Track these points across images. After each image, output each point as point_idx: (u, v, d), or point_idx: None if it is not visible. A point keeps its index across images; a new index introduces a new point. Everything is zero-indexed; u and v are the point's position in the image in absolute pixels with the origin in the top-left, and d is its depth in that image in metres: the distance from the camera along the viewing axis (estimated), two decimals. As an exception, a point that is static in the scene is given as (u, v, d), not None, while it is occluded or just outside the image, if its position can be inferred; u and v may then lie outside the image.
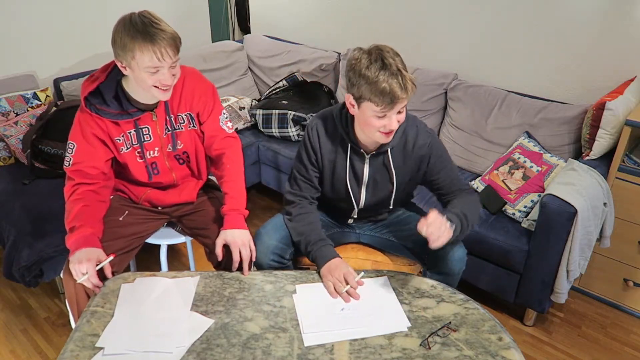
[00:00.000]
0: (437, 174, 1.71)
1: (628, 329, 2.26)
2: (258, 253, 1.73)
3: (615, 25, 2.30)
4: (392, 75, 1.47)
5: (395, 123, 1.54)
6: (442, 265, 1.70)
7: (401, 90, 1.48)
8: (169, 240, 1.99)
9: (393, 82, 1.47)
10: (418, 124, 1.70)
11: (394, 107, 1.50)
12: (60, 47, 3.00)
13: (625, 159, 2.11)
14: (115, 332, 1.35)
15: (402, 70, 1.49)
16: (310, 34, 3.60)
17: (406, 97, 1.50)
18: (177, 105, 1.73)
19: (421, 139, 1.67)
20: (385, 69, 1.48)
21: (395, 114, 1.53)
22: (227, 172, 1.74)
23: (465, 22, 2.79)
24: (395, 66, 1.49)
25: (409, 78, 1.50)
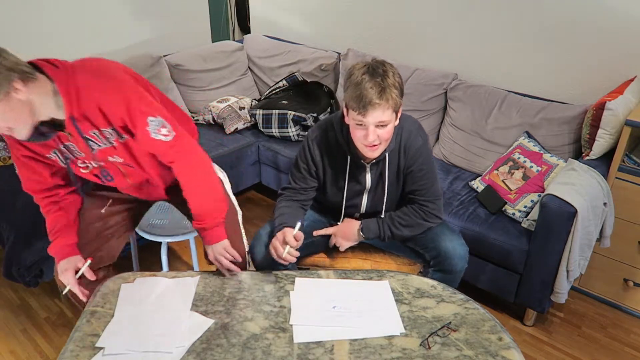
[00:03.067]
0: (411, 184, 1.71)
1: (628, 329, 2.26)
2: (257, 254, 1.74)
3: (615, 25, 2.30)
4: (373, 80, 1.43)
5: (373, 135, 1.48)
6: (445, 263, 1.72)
7: (377, 96, 1.42)
8: (169, 238, 1.99)
9: (371, 85, 1.43)
10: (412, 127, 1.67)
11: (368, 113, 1.44)
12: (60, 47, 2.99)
13: (625, 159, 2.11)
14: (115, 332, 1.35)
15: (387, 78, 1.44)
16: (310, 34, 3.60)
17: (383, 105, 1.44)
18: (87, 126, 1.42)
19: (413, 142, 1.66)
20: (371, 74, 1.45)
21: (373, 125, 1.47)
22: (183, 187, 1.58)
23: (465, 22, 2.79)
24: (382, 73, 1.45)
25: (393, 87, 1.44)
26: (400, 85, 1.48)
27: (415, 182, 1.70)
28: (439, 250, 1.73)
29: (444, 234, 1.75)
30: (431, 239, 1.75)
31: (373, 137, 1.49)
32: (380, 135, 1.50)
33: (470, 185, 2.49)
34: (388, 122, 1.48)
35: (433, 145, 2.86)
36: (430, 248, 1.76)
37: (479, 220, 2.22)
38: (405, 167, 1.69)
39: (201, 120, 3.19)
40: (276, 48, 3.52)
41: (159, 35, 3.49)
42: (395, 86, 1.45)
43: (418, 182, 1.70)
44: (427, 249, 1.77)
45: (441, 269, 1.74)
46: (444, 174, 2.60)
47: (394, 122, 1.52)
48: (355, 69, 1.48)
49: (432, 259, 1.76)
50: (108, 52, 3.23)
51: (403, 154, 1.66)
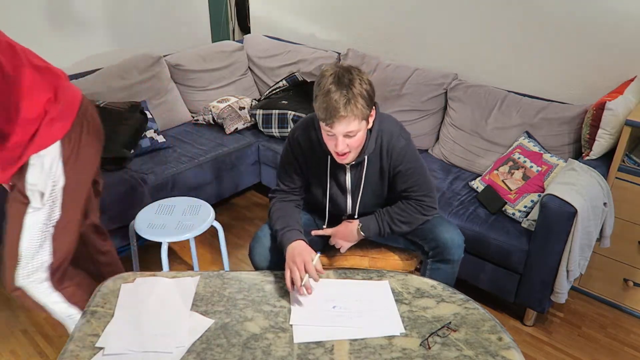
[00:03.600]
0: (402, 183, 1.71)
1: (628, 329, 2.26)
2: (257, 256, 1.74)
3: (615, 25, 2.30)
4: (339, 91, 1.41)
5: (342, 145, 1.48)
6: (445, 252, 1.73)
7: (343, 108, 1.40)
8: (169, 238, 1.99)
9: (337, 97, 1.41)
10: (393, 128, 1.66)
11: (335, 125, 1.44)
12: (60, 47, 3.00)
13: (625, 159, 2.11)
14: (115, 332, 1.35)
15: (353, 88, 1.42)
16: (310, 34, 3.60)
17: (349, 117, 1.42)
18: None
19: (396, 143, 1.64)
20: (337, 84, 1.42)
21: (341, 136, 1.47)
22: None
23: (465, 22, 2.79)
24: (348, 83, 1.42)
25: (359, 97, 1.42)
26: (368, 93, 1.45)
27: (406, 180, 1.70)
28: (437, 240, 1.74)
29: (442, 224, 1.77)
30: (429, 229, 1.76)
31: (342, 147, 1.49)
32: (350, 144, 1.50)
33: (470, 185, 2.49)
34: (356, 131, 1.47)
35: (433, 145, 2.86)
36: (429, 239, 1.77)
37: (479, 220, 2.22)
38: (391, 167, 1.68)
39: (201, 120, 3.19)
40: (276, 48, 3.52)
41: (159, 35, 3.49)
42: (362, 95, 1.43)
43: (409, 180, 1.70)
44: (425, 240, 1.79)
45: (441, 259, 1.75)
46: (444, 174, 2.60)
47: (364, 130, 1.51)
48: (324, 77, 1.45)
49: (431, 249, 1.77)
50: (108, 52, 3.23)
51: (386, 155, 1.66)
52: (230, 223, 3.02)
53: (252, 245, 1.77)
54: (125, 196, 2.40)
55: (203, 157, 2.81)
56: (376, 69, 3.01)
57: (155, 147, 2.81)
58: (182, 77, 3.27)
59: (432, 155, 2.82)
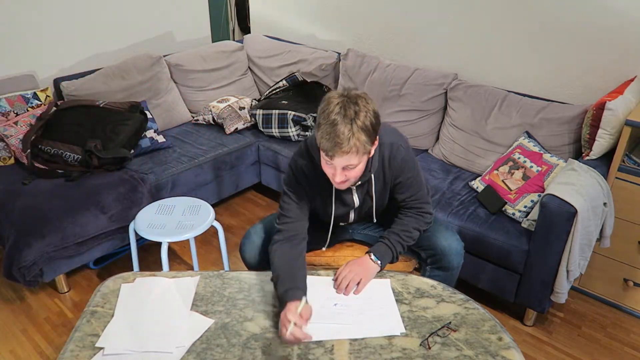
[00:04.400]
0: (402, 193, 1.69)
1: (628, 329, 2.26)
2: (247, 253, 1.75)
3: (615, 25, 2.30)
4: (343, 123, 1.35)
5: (340, 177, 1.43)
6: (443, 260, 1.72)
7: (346, 142, 1.35)
8: (169, 238, 1.99)
9: (339, 132, 1.35)
10: (392, 139, 1.61)
11: (335, 157, 1.39)
12: (60, 47, 3.00)
13: (625, 159, 2.11)
14: (115, 332, 1.35)
15: (357, 121, 1.36)
16: (310, 34, 3.60)
17: (351, 152, 1.37)
18: None
19: (396, 154, 1.61)
20: (343, 115, 1.36)
21: (340, 167, 1.42)
22: None
23: (465, 22, 2.79)
24: (354, 115, 1.36)
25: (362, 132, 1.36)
26: (372, 126, 1.40)
27: (405, 190, 1.67)
28: (435, 248, 1.73)
29: (439, 231, 1.75)
30: (426, 237, 1.75)
31: (340, 179, 1.44)
32: (348, 175, 1.45)
33: (470, 185, 2.49)
34: (356, 164, 1.43)
35: (433, 145, 2.86)
36: (426, 247, 1.76)
37: (479, 220, 2.22)
38: (392, 177, 1.65)
39: (201, 120, 3.19)
40: (276, 48, 3.52)
41: (159, 35, 3.49)
42: (364, 129, 1.37)
43: (409, 190, 1.67)
44: (422, 247, 1.78)
45: (439, 266, 1.74)
46: (444, 174, 2.60)
47: (364, 162, 1.46)
48: (329, 105, 1.39)
49: (428, 257, 1.76)
50: (108, 52, 3.23)
51: (388, 167, 1.62)
52: (230, 223, 3.02)
53: (243, 242, 1.77)
54: (125, 196, 2.40)
55: (203, 157, 2.81)
56: (376, 69, 3.01)
57: (155, 147, 2.81)
58: (182, 77, 3.27)
59: (432, 155, 2.82)
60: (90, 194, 2.34)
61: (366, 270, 1.57)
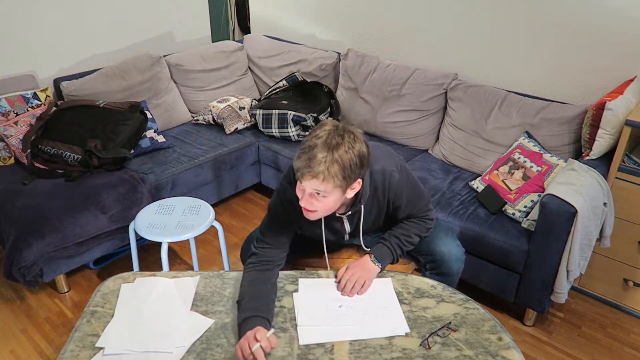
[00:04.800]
0: (403, 212, 1.65)
1: (628, 329, 2.26)
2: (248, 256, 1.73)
3: (615, 25, 2.30)
4: (322, 149, 1.31)
5: (305, 202, 1.38)
6: (442, 266, 1.71)
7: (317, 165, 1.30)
8: (169, 238, 1.99)
9: (316, 153, 1.31)
10: (383, 164, 1.54)
11: (303, 178, 1.33)
12: (60, 47, 3.00)
13: (625, 159, 2.11)
14: (115, 332, 1.35)
15: (336, 151, 1.30)
16: (310, 34, 3.60)
17: (318, 179, 1.31)
18: None
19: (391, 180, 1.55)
20: (324, 143, 1.31)
21: (308, 192, 1.36)
22: None
23: (465, 22, 2.79)
24: (335, 145, 1.31)
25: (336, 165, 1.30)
26: (349, 164, 1.33)
27: (406, 209, 1.64)
28: (434, 254, 1.71)
29: (438, 237, 1.73)
30: (426, 242, 1.73)
31: (305, 203, 1.39)
32: (316, 204, 1.38)
33: (470, 185, 2.49)
34: (326, 194, 1.35)
35: (433, 145, 2.86)
36: (425, 252, 1.74)
37: (479, 220, 2.22)
38: (390, 203, 1.60)
39: (201, 120, 3.19)
40: (276, 48, 3.52)
41: (159, 35, 3.49)
42: (339, 162, 1.31)
43: (408, 208, 1.64)
44: (420, 252, 1.76)
45: (439, 272, 1.72)
46: (444, 174, 2.60)
47: (337, 198, 1.39)
48: (319, 130, 1.35)
49: (427, 262, 1.75)
50: (108, 52, 3.23)
51: (382, 194, 1.57)
52: (230, 223, 3.02)
53: (244, 248, 1.77)
54: (125, 196, 2.40)
55: (203, 157, 2.81)
56: (376, 69, 3.01)
57: (155, 147, 2.81)
58: (182, 77, 3.27)
59: (432, 155, 2.82)
60: (90, 194, 2.34)
61: (368, 271, 1.55)
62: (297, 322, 1.40)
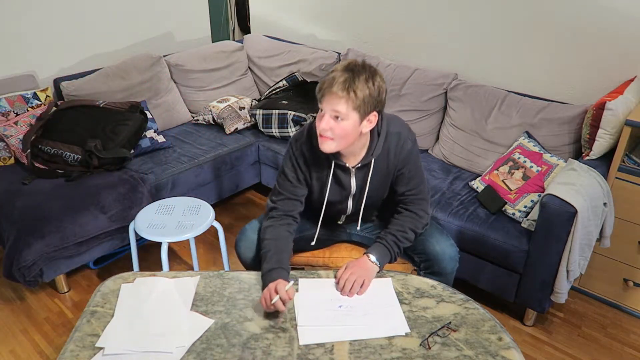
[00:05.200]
0: (403, 185, 1.68)
1: (628, 329, 2.26)
2: (242, 249, 1.75)
3: (615, 25, 2.30)
4: (343, 73, 1.41)
5: (325, 123, 1.44)
6: (435, 265, 1.71)
7: (337, 86, 1.40)
8: (169, 238, 1.99)
9: (338, 76, 1.41)
10: (400, 130, 1.63)
11: (324, 100, 1.43)
12: (60, 47, 3.00)
13: (625, 159, 2.11)
14: (115, 332, 1.35)
15: (359, 76, 1.40)
16: (310, 34, 3.60)
17: (339, 96, 1.40)
18: None
19: (403, 145, 1.62)
20: (345, 69, 1.42)
21: (328, 114, 1.44)
22: None
23: (465, 22, 2.79)
24: (357, 71, 1.41)
25: (358, 87, 1.40)
26: (370, 93, 1.42)
27: (407, 183, 1.68)
28: (427, 253, 1.72)
29: (432, 236, 1.74)
30: (420, 241, 1.74)
31: (324, 125, 1.45)
32: (333, 128, 1.45)
33: (470, 185, 2.49)
34: (344, 116, 1.43)
35: (433, 145, 2.86)
36: (419, 251, 1.75)
37: (479, 220, 2.22)
38: (395, 169, 1.66)
39: (201, 120, 3.19)
40: (276, 48, 3.52)
41: (159, 35, 3.49)
42: (361, 88, 1.41)
43: (410, 183, 1.68)
44: (415, 251, 1.77)
45: (432, 271, 1.73)
46: (444, 174, 2.60)
47: (353, 123, 1.45)
48: (342, 61, 1.48)
49: (421, 262, 1.76)
50: (108, 52, 3.23)
51: (393, 157, 1.63)
52: (230, 223, 3.02)
53: (238, 238, 1.77)
54: (125, 196, 2.40)
55: (203, 157, 2.81)
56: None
57: (155, 147, 2.81)
58: (182, 77, 3.27)
59: (432, 155, 2.82)
60: (90, 194, 2.34)
61: (367, 271, 1.56)
62: (297, 322, 1.40)
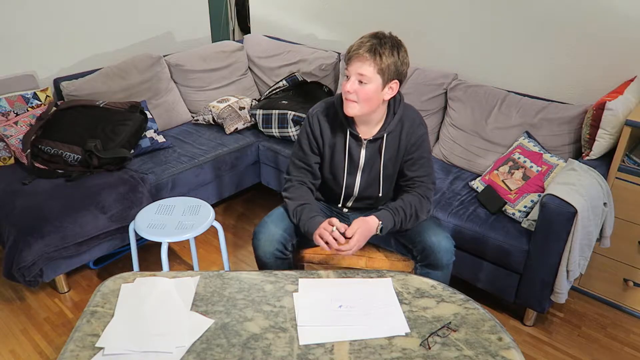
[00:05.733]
0: (412, 171, 1.75)
1: (628, 329, 2.26)
2: (262, 241, 1.73)
3: (615, 25, 2.30)
4: (371, 39, 1.52)
5: (351, 84, 1.55)
6: (431, 256, 1.73)
7: (365, 49, 1.50)
8: (169, 238, 1.99)
9: (365, 42, 1.51)
10: (415, 116, 1.73)
11: (351, 63, 1.53)
12: (60, 47, 3.00)
13: (625, 159, 2.11)
14: (115, 332, 1.35)
15: (385, 44, 1.51)
16: (310, 34, 3.60)
17: (367, 59, 1.51)
18: None
19: (416, 129, 1.71)
20: (374, 36, 1.53)
21: (353, 76, 1.54)
22: None
23: (465, 22, 2.79)
24: (384, 40, 1.52)
25: (385, 53, 1.50)
26: (395, 63, 1.53)
27: (416, 169, 1.74)
28: (424, 244, 1.74)
29: (430, 228, 1.76)
30: (418, 232, 1.77)
31: (350, 86, 1.55)
32: (357, 91, 1.55)
33: (470, 185, 2.49)
34: (369, 79, 1.53)
35: (433, 146, 2.86)
36: (417, 242, 1.77)
37: (479, 220, 2.22)
38: (406, 153, 1.72)
39: (201, 120, 3.19)
40: (276, 48, 3.52)
41: (159, 35, 3.49)
42: (386, 54, 1.51)
43: (419, 169, 1.74)
44: (413, 243, 1.79)
45: (428, 263, 1.75)
46: (444, 174, 2.60)
47: (376, 87, 1.55)
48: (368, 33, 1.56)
49: (418, 253, 1.77)
50: (108, 52, 3.23)
51: (405, 139, 1.70)
52: (230, 223, 3.02)
53: (257, 231, 1.76)
54: (125, 196, 2.40)
55: (203, 157, 2.81)
56: (376, 69, 3.01)
57: (155, 147, 2.81)
58: (182, 77, 3.27)
59: (432, 155, 2.82)
60: (90, 194, 2.34)
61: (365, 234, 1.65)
62: (297, 322, 1.40)
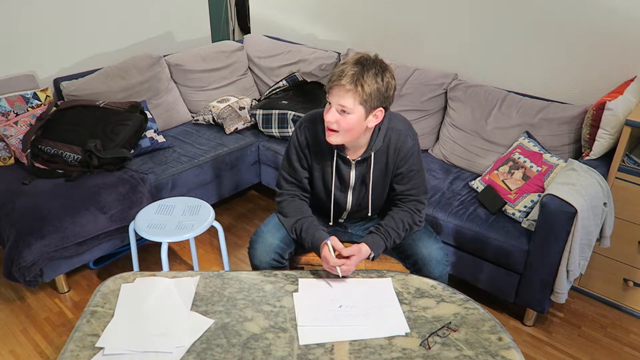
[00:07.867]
0: (401, 185, 1.70)
1: (628, 329, 2.26)
2: (259, 251, 1.73)
3: (615, 25, 2.30)
4: (352, 66, 1.44)
5: (331, 115, 1.48)
6: (423, 269, 1.71)
7: (346, 79, 1.42)
8: (169, 238, 1.99)
9: (347, 69, 1.44)
10: (402, 127, 1.65)
11: (332, 90, 1.46)
12: (60, 47, 3.00)
13: (625, 159, 2.11)
14: (115, 332, 1.35)
15: (368, 71, 1.43)
16: (310, 34, 3.60)
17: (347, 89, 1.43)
18: None
19: (404, 142, 1.64)
20: (356, 62, 1.45)
21: (335, 107, 1.47)
22: None
23: (465, 22, 2.79)
24: (367, 66, 1.44)
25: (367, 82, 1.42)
26: (378, 88, 1.45)
27: (406, 182, 1.69)
28: (415, 257, 1.72)
29: (421, 239, 1.74)
30: (409, 245, 1.75)
31: (330, 117, 1.48)
32: (339, 121, 1.48)
33: (470, 185, 2.49)
34: (350, 110, 1.46)
35: (433, 145, 2.86)
36: (408, 255, 1.76)
37: (479, 220, 2.22)
38: (395, 167, 1.67)
39: (201, 120, 3.19)
40: (276, 48, 3.52)
41: (159, 35, 3.49)
42: (369, 83, 1.43)
43: (409, 182, 1.69)
44: (405, 255, 1.78)
45: (421, 275, 1.72)
46: (444, 174, 2.60)
47: (359, 117, 1.48)
48: (354, 54, 1.50)
49: (410, 265, 1.76)
50: (108, 52, 3.23)
51: (393, 153, 1.65)
52: (230, 223, 3.02)
53: (253, 239, 1.76)
54: (125, 196, 2.40)
55: (203, 157, 2.81)
56: (376, 69, 3.01)
57: (155, 147, 2.81)
58: (182, 77, 3.27)
59: (432, 155, 2.82)
60: (90, 194, 2.34)
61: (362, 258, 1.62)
62: (297, 322, 1.40)
